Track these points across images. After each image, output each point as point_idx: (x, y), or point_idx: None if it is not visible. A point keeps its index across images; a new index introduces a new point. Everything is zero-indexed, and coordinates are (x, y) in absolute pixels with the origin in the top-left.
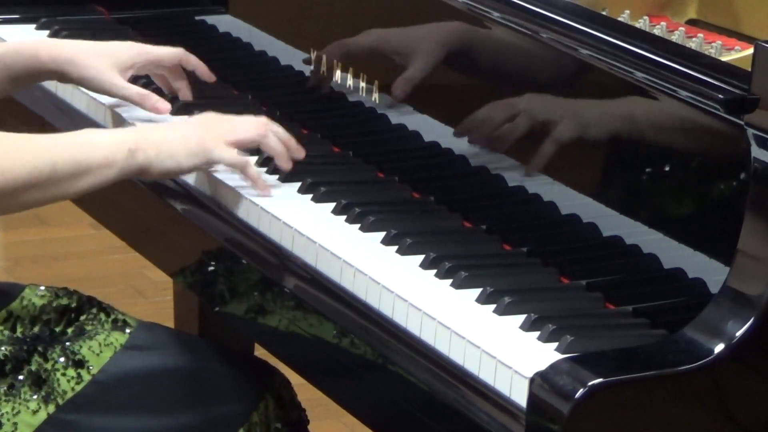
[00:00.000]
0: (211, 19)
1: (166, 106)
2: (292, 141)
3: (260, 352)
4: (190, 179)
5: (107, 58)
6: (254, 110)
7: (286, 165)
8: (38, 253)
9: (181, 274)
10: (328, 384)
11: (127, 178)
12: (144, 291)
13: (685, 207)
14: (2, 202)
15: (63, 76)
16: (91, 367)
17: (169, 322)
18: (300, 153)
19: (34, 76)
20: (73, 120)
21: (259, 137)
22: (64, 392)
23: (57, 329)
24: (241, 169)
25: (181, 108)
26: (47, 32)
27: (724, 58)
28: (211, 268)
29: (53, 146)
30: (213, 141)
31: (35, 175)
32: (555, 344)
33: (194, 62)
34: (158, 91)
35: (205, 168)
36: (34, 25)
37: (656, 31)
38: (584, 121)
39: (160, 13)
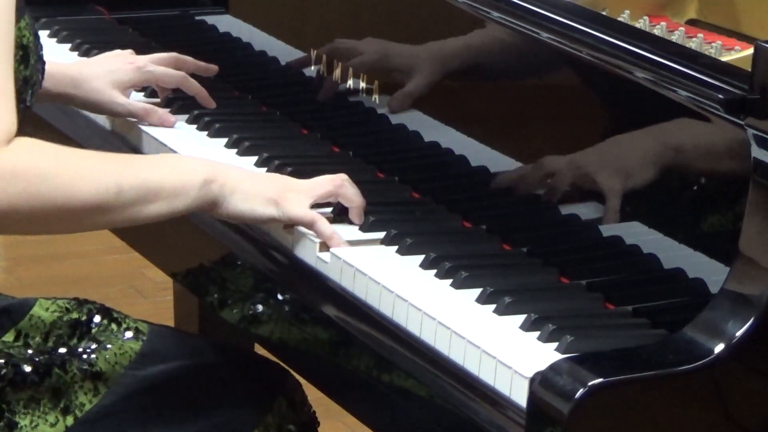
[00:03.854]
0: (211, 19)
1: (172, 118)
2: (363, 203)
3: (260, 351)
4: None
5: (106, 79)
6: (254, 110)
7: (358, 219)
8: (38, 253)
9: (181, 274)
10: (327, 384)
11: (199, 211)
12: (144, 291)
13: (685, 207)
14: (68, 224)
15: (68, 102)
16: (107, 380)
17: (169, 322)
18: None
19: (41, 99)
20: (73, 120)
21: (335, 188)
22: (82, 405)
23: (71, 343)
24: (312, 225)
25: (181, 108)
26: (47, 32)
27: (724, 58)
28: (211, 268)
29: (122, 169)
30: (290, 195)
31: (100, 199)
32: (555, 344)
33: (195, 89)
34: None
35: (276, 221)
36: None
37: (656, 31)
38: (584, 121)
39: (160, 14)
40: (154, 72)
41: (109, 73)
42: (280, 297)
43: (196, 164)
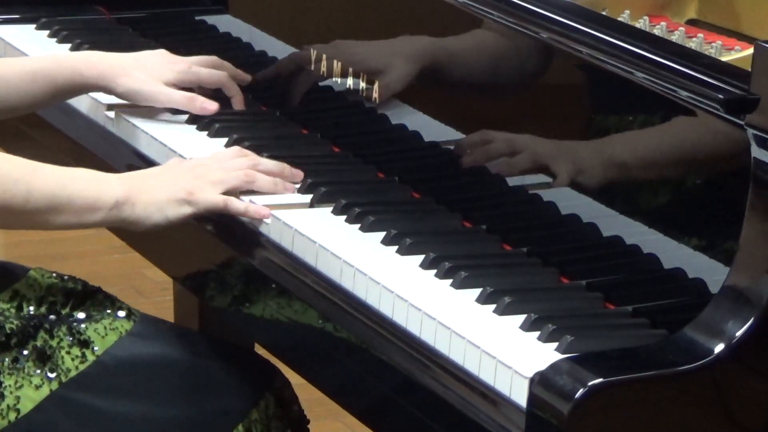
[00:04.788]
0: (211, 19)
1: (213, 106)
2: (285, 169)
3: (260, 352)
4: None
5: (150, 71)
6: (254, 110)
7: (289, 191)
8: (38, 253)
9: (181, 274)
10: (327, 384)
11: (114, 227)
12: (144, 291)
13: (685, 207)
14: None
15: (107, 90)
16: (95, 348)
17: None
18: (298, 176)
19: (77, 89)
20: (73, 120)
21: (247, 184)
22: (68, 370)
23: (63, 311)
24: (226, 210)
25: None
26: (47, 32)
27: (724, 58)
28: (210, 268)
29: (33, 176)
30: (200, 187)
31: (7, 201)
32: (555, 344)
33: (235, 90)
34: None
35: (193, 216)
36: (34, 25)
37: (656, 31)
38: (583, 121)
39: (160, 13)
40: (199, 73)
41: (154, 67)
42: (279, 296)
43: (112, 184)
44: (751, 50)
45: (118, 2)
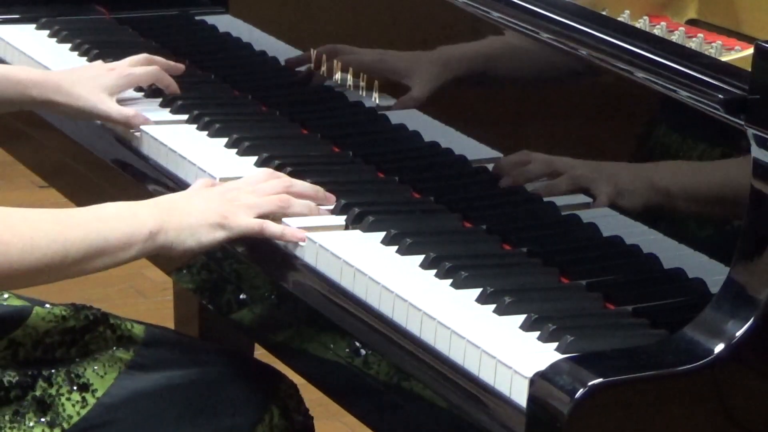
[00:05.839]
0: (211, 19)
1: (141, 119)
2: (319, 192)
3: (260, 351)
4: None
5: (91, 84)
6: (254, 110)
7: (323, 210)
8: None
9: (181, 274)
10: (327, 384)
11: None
12: (144, 291)
13: (685, 207)
14: (13, 285)
15: (51, 108)
16: (95, 390)
17: (169, 322)
18: (330, 200)
19: (22, 104)
20: (74, 120)
21: (282, 209)
22: (70, 417)
23: (60, 350)
24: (261, 234)
25: (181, 108)
26: (47, 32)
27: (724, 58)
28: (210, 268)
29: (67, 229)
30: (234, 210)
31: (46, 262)
32: (555, 344)
33: (167, 82)
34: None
35: (227, 240)
36: (34, 25)
37: (656, 31)
38: (583, 121)
39: (160, 13)
40: (135, 73)
41: (93, 79)
42: (279, 296)
43: (143, 214)
44: (751, 50)
45: (118, 2)
